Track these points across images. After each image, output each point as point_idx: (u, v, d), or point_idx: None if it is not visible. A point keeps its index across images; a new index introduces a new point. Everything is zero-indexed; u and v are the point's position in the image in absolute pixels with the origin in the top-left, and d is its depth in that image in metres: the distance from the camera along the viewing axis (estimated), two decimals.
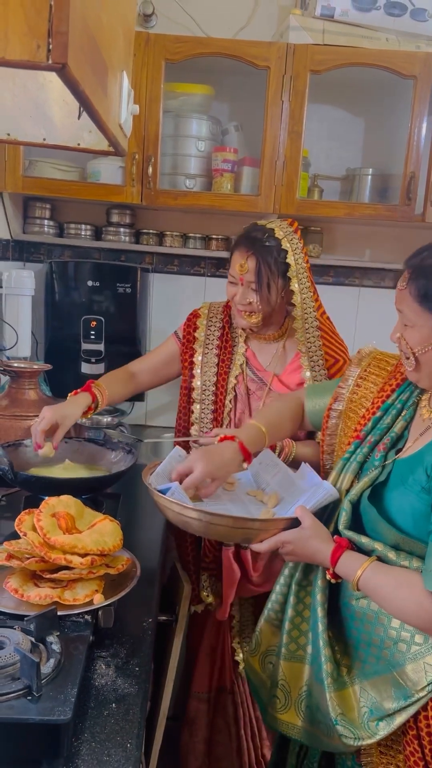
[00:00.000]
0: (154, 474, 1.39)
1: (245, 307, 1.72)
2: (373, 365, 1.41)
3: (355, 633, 1.21)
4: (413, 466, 1.17)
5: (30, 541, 1.16)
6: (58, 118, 1.29)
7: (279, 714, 1.28)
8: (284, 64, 2.31)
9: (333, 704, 1.16)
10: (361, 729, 1.14)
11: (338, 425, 1.41)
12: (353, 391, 1.40)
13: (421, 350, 1.15)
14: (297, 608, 1.31)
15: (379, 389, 1.35)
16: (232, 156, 2.47)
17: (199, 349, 1.85)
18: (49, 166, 2.45)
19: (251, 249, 1.67)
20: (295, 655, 1.29)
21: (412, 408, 1.28)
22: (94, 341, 2.52)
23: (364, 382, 1.39)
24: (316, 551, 1.21)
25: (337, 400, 1.42)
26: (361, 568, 1.14)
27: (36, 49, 0.72)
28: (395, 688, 1.13)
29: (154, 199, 2.40)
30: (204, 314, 1.89)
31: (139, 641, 1.16)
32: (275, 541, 1.24)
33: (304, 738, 1.26)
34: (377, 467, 1.24)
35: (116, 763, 0.89)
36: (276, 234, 1.69)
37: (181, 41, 2.32)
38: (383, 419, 1.29)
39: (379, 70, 2.34)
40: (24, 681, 0.91)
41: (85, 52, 0.84)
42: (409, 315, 1.15)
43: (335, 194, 2.71)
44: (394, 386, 1.32)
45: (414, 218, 2.43)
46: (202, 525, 1.25)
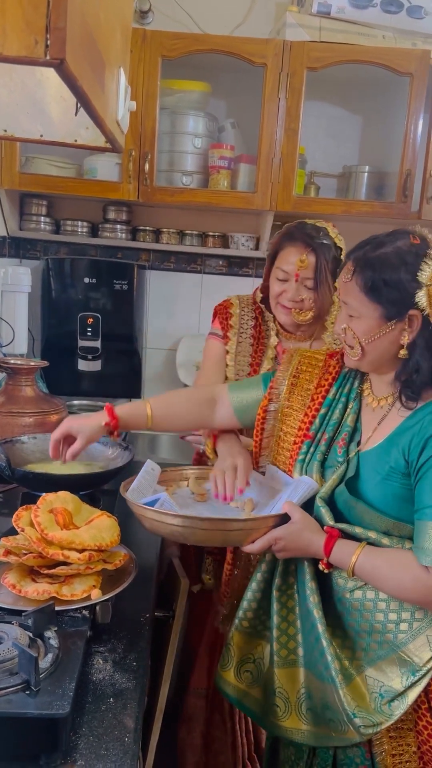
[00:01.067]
0: (130, 490, 1.37)
1: (296, 305, 1.68)
2: (303, 363, 1.43)
3: (353, 624, 1.22)
4: (386, 455, 1.20)
5: (28, 537, 1.16)
6: (56, 115, 1.29)
7: (281, 721, 1.28)
8: (281, 61, 2.31)
9: (347, 699, 1.16)
10: (377, 714, 1.16)
11: (275, 426, 1.43)
12: (289, 390, 1.41)
13: (367, 339, 1.19)
14: (281, 614, 1.31)
15: (316, 385, 1.37)
16: (229, 153, 2.47)
17: (234, 337, 1.80)
18: (46, 162, 2.45)
19: (311, 245, 1.64)
20: (288, 661, 1.29)
21: (357, 399, 1.31)
22: (91, 338, 2.53)
23: (298, 380, 1.41)
24: (309, 543, 1.23)
25: (271, 401, 1.43)
26: (355, 554, 1.17)
27: (34, 45, 0.72)
28: (401, 667, 1.16)
29: (150, 196, 2.40)
30: (236, 303, 1.86)
31: (136, 636, 1.17)
32: (267, 539, 1.24)
33: (310, 740, 1.25)
34: (342, 462, 1.26)
35: (114, 757, 0.89)
36: (329, 233, 1.68)
37: (178, 38, 2.32)
38: (329, 415, 1.32)
39: (375, 67, 2.35)
40: (22, 676, 0.91)
41: (82, 48, 0.84)
42: (355, 306, 1.19)
43: (332, 191, 2.71)
44: (331, 381, 1.36)
45: (410, 215, 2.43)
46: (195, 532, 1.25)
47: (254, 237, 2.66)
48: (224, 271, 2.80)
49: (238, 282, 2.79)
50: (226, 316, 1.84)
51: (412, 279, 1.13)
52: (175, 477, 1.58)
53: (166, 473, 1.57)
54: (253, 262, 2.78)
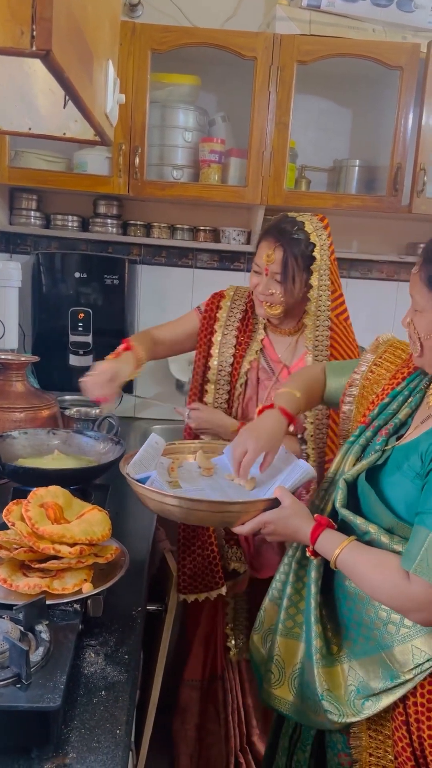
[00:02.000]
0: (132, 463, 1.39)
1: (267, 298, 1.71)
2: (389, 352, 1.41)
3: (346, 613, 1.23)
4: (409, 452, 1.18)
5: (18, 532, 1.16)
6: (44, 108, 1.28)
7: (273, 689, 1.31)
8: (271, 55, 2.31)
9: (320, 680, 1.18)
10: (347, 706, 1.16)
11: (352, 410, 1.43)
12: (366, 377, 1.40)
13: (427, 335, 1.16)
14: (296, 586, 1.33)
15: (392, 376, 1.36)
16: (220, 147, 2.47)
17: (219, 330, 1.84)
18: (36, 156, 2.44)
19: (279, 240, 1.66)
20: (291, 632, 1.31)
21: (419, 395, 1.28)
22: (82, 333, 2.52)
23: (378, 368, 1.40)
24: (297, 529, 1.24)
25: (351, 385, 1.43)
26: (339, 547, 1.17)
27: (20, 36, 0.72)
28: (383, 669, 1.15)
29: (141, 190, 2.39)
30: (229, 296, 1.89)
31: (128, 630, 1.17)
32: (257, 522, 1.26)
33: (293, 713, 1.28)
34: (377, 451, 1.25)
35: (106, 749, 0.89)
36: (305, 227, 1.69)
37: (168, 31, 2.31)
38: (390, 405, 1.30)
39: (365, 60, 2.34)
40: (13, 669, 0.92)
41: (70, 40, 0.83)
42: (419, 300, 1.16)
43: (322, 185, 2.71)
44: (406, 374, 1.33)
45: (400, 209, 2.43)
46: (183, 511, 1.27)
47: (245, 231, 2.66)
48: (215, 266, 2.79)
49: (230, 276, 2.79)
50: (215, 307, 1.88)
51: None
52: (183, 449, 1.60)
53: (173, 446, 1.59)
54: (245, 257, 2.78)
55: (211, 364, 1.83)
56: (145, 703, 1.56)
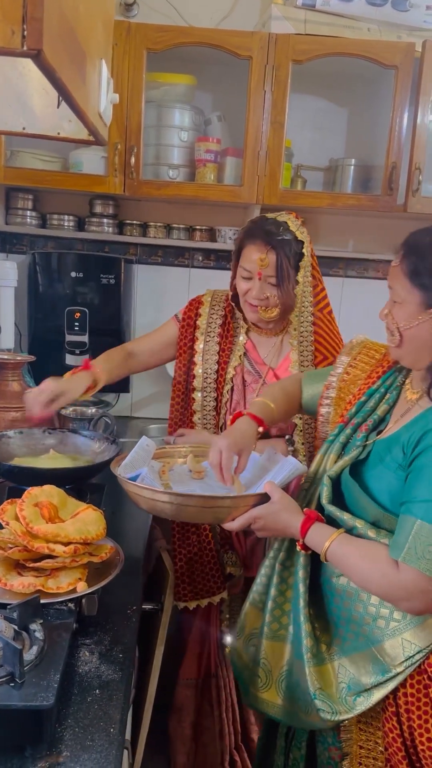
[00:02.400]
0: (122, 465, 1.40)
1: (261, 302, 1.69)
2: (363, 353, 1.44)
3: (335, 610, 1.24)
4: (391, 445, 1.20)
5: (13, 531, 1.16)
6: (38, 108, 1.28)
7: (260, 693, 1.31)
8: (266, 54, 2.31)
9: (312, 679, 1.19)
10: (339, 704, 1.17)
11: (330, 413, 1.45)
12: (342, 378, 1.43)
13: (406, 326, 1.18)
14: (280, 588, 1.33)
15: (367, 376, 1.38)
16: (215, 146, 2.47)
17: (201, 336, 1.83)
18: (31, 156, 2.44)
19: (270, 243, 1.64)
20: (277, 635, 1.32)
21: (395, 391, 1.31)
22: (78, 333, 2.52)
23: (354, 369, 1.43)
24: (287, 524, 1.25)
25: (329, 388, 1.46)
26: (329, 539, 1.18)
27: (11, 35, 0.72)
28: (373, 664, 1.16)
29: (137, 190, 2.39)
30: (207, 302, 1.88)
31: (123, 629, 1.17)
32: (247, 518, 1.26)
33: (282, 716, 1.29)
34: (358, 447, 1.27)
35: (99, 747, 0.90)
36: (290, 227, 1.68)
37: (163, 30, 2.31)
38: (367, 403, 1.33)
39: (360, 60, 2.35)
40: (7, 668, 0.92)
41: (61, 40, 0.84)
42: (399, 291, 1.19)
43: (318, 185, 2.72)
44: (381, 373, 1.36)
45: (396, 208, 2.44)
46: (174, 507, 1.27)
47: None
48: (212, 265, 2.80)
49: (226, 276, 2.74)
50: (194, 314, 1.87)
51: None
52: (173, 453, 1.60)
53: (164, 450, 1.59)
54: None
55: (196, 372, 1.83)
56: (141, 702, 1.56)
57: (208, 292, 1.92)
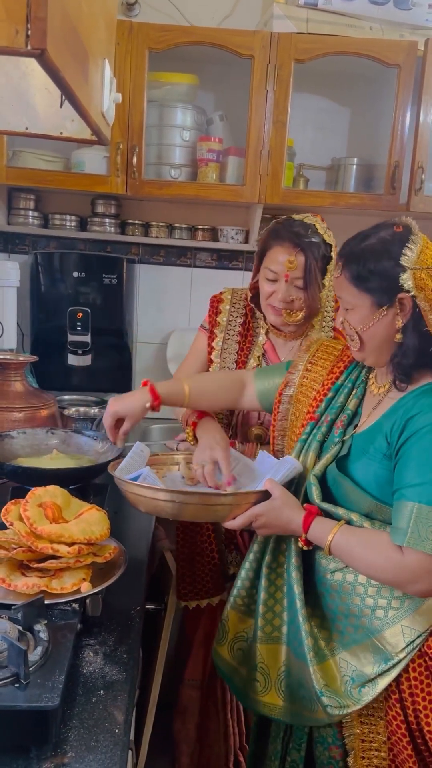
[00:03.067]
0: (119, 469, 1.40)
1: (287, 305, 1.64)
2: (321, 350, 1.48)
3: (332, 606, 1.25)
4: (372, 437, 1.24)
5: (17, 531, 1.16)
6: (41, 107, 1.28)
7: (260, 696, 1.32)
8: (268, 53, 2.30)
9: (317, 677, 1.20)
10: (345, 697, 1.18)
11: (289, 409, 1.47)
12: (303, 375, 1.46)
13: (363, 328, 1.23)
14: (269, 591, 1.34)
15: (328, 372, 1.42)
16: (217, 146, 2.47)
17: (220, 334, 1.80)
18: (33, 156, 2.43)
19: (299, 245, 1.59)
20: (272, 637, 1.33)
21: (361, 386, 1.36)
22: (81, 333, 2.52)
23: (314, 366, 1.46)
24: (289, 520, 1.26)
25: (287, 385, 1.48)
26: (332, 532, 1.20)
27: (14, 35, 0.72)
28: (374, 654, 1.18)
29: (139, 189, 2.39)
30: (227, 299, 1.84)
31: (127, 629, 1.17)
32: (248, 516, 1.27)
33: (285, 717, 1.29)
34: (337, 443, 1.30)
35: (104, 748, 0.89)
36: (318, 229, 1.63)
37: (165, 30, 2.31)
38: (335, 399, 1.37)
39: (363, 59, 2.34)
40: (11, 669, 0.91)
41: (65, 39, 0.83)
42: (347, 299, 1.24)
43: (320, 184, 2.71)
44: (342, 368, 1.41)
45: (398, 207, 2.43)
46: (175, 506, 1.27)
47: (243, 230, 2.66)
48: (214, 265, 2.79)
49: (228, 275, 2.79)
50: (215, 311, 1.84)
51: (395, 264, 1.17)
52: (165, 460, 1.60)
53: (156, 457, 1.59)
54: (243, 256, 2.78)
55: (213, 369, 1.80)
56: (144, 702, 1.56)
57: (227, 290, 1.88)
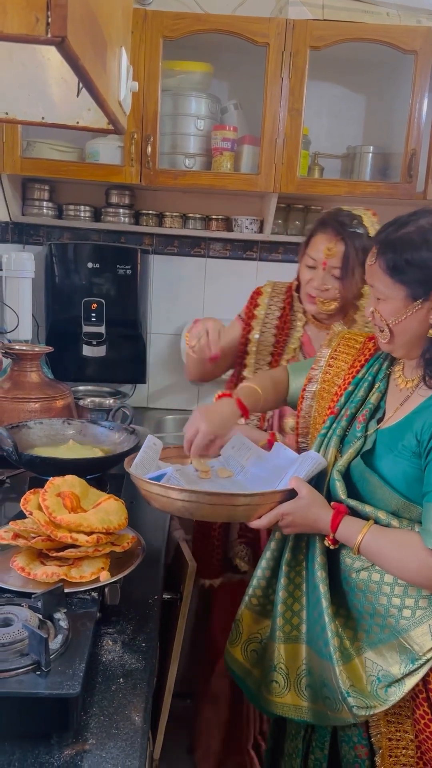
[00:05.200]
0: (134, 465, 1.38)
1: (321, 294, 1.66)
2: (343, 344, 1.45)
3: (357, 605, 1.23)
4: (401, 433, 1.20)
5: (36, 520, 1.17)
6: (57, 97, 1.28)
7: (278, 698, 1.29)
8: (284, 41, 2.28)
9: (342, 677, 1.18)
10: (372, 698, 1.16)
11: (312, 406, 1.44)
12: (325, 371, 1.43)
13: (395, 321, 1.19)
14: (288, 589, 1.32)
15: (350, 366, 1.39)
16: (232, 134, 2.45)
17: (257, 327, 1.80)
18: (48, 146, 2.43)
19: (341, 234, 1.61)
20: (291, 637, 1.31)
21: (384, 380, 1.32)
22: (95, 323, 2.52)
23: (336, 361, 1.43)
24: (317, 518, 1.23)
25: (311, 381, 1.45)
26: (361, 532, 1.17)
27: (35, 23, 0.71)
28: (401, 653, 1.16)
29: (153, 179, 2.38)
30: (267, 292, 1.85)
31: (145, 618, 1.17)
32: (275, 515, 1.24)
33: (309, 717, 1.27)
34: (359, 438, 1.27)
35: (125, 735, 0.90)
36: (364, 222, 1.64)
37: (179, 18, 2.29)
38: (355, 393, 1.34)
39: (379, 45, 2.31)
40: (33, 656, 0.92)
41: (84, 27, 0.83)
42: (381, 288, 1.19)
43: (336, 173, 2.69)
44: (363, 361, 1.37)
45: (415, 196, 2.41)
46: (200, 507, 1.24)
47: (258, 220, 2.64)
48: (228, 255, 2.78)
49: (242, 266, 2.78)
50: (253, 304, 1.85)
51: None
52: (177, 454, 1.59)
53: (168, 450, 1.58)
54: (257, 246, 2.77)
55: (248, 362, 1.80)
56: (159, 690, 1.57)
57: (268, 283, 1.89)
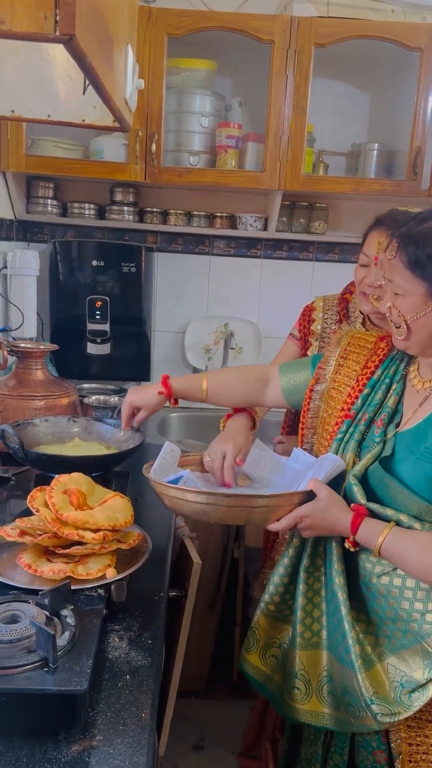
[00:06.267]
0: (153, 471, 1.39)
1: (375, 291, 1.63)
2: (353, 344, 1.43)
3: (378, 611, 1.20)
4: (421, 435, 1.18)
5: (42, 518, 1.17)
6: (63, 94, 1.28)
7: (300, 704, 1.28)
8: (288, 38, 2.28)
9: (365, 685, 1.16)
10: (395, 704, 1.14)
11: (320, 406, 1.42)
12: (335, 371, 1.41)
13: (413, 317, 1.17)
14: (307, 596, 1.30)
15: (362, 366, 1.36)
16: (236, 132, 2.45)
17: (315, 342, 1.80)
18: (52, 144, 2.43)
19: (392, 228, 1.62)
20: (311, 643, 1.29)
21: (401, 381, 1.30)
22: (100, 321, 2.52)
23: (346, 361, 1.40)
24: (337, 521, 1.21)
25: (318, 381, 1.43)
26: (382, 534, 1.15)
27: (43, 21, 0.71)
28: (424, 658, 1.14)
29: (157, 177, 2.38)
30: (319, 307, 1.86)
31: (151, 615, 1.18)
32: (293, 517, 1.23)
33: (331, 724, 1.25)
34: (378, 443, 1.24)
35: (132, 732, 0.90)
36: None
37: (184, 15, 2.29)
38: (372, 395, 1.31)
39: (384, 42, 2.31)
40: (40, 653, 0.93)
41: (91, 25, 0.83)
42: (400, 283, 1.17)
43: (340, 170, 2.68)
44: (377, 362, 1.34)
45: (420, 193, 2.40)
46: (217, 509, 1.24)
47: (263, 217, 2.64)
48: (232, 252, 2.78)
49: (247, 263, 2.78)
50: (308, 321, 1.85)
51: None
52: (195, 461, 1.60)
53: (187, 457, 1.58)
54: (262, 243, 2.77)
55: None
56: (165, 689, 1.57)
57: (317, 299, 1.89)
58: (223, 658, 2.47)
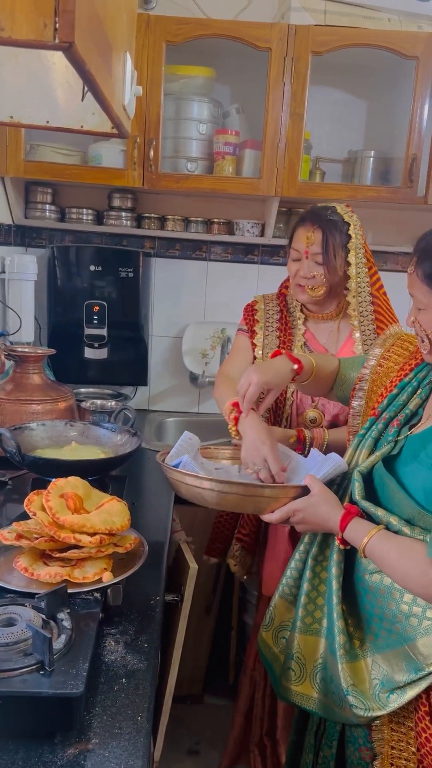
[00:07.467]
0: (169, 456, 1.43)
1: (309, 281, 1.77)
2: (397, 345, 1.43)
3: (368, 607, 1.22)
4: (425, 441, 1.18)
5: (39, 521, 1.17)
6: (62, 101, 1.29)
7: (293, 686, 1.31)
8: (286, 46, 2.30)
9: (345, 675, 1.18)
10: (372, 700, 1.16)
11: (362, 406, 1.44)
12: (375, 371, 1.42)
13: None
14: (313, 582, 1.33)
15: (399, 368, 1.37)
16: (234, 139, 2.46)
17: (260, 331, 1.90)
18: (51, 150, 2.44)
19: (317, 222, 1.75)
20: (311, 629, 1.32)
21: (427, 387, 1.29)
22: (97, 326, 2.53)
23: (387, 362, 1.41)
24: (327, 517, 1.24)
25: (361, 380, 1.45)
26: (368, 535, 1.17)
27: (43, 28, 0.72)
28: (406, 662, 1.14)
29: (155, 183, 2.39)
30: (260, 300, 1.97)
31: (147, 619, 1.18)
32: (286, 511, 1.26)
33: (318, 709, 1.28)
34: (390, 442, 1.26)
35: (128, 735, 0.91)
36: (338, 210, 1.80)
37: (182, 23, 2.31)
38: (399, 396, 1.31)
39: (381, 50, 2.32)
40: (36, 656, 0.93)
41: (90, 32, 0.84)
42: (420, 298, 1.17)
43: (337, 177, 2.70)
44: (413, 365, 1.35)
45: (416, 200, 2.42)
46: (215, 495, 1.28)
47: (260, 224, 2.65)
48: (229, 258, 2.79)
49: (244, 269, 2.79)
50: (251, 312, 1.95)
51: None
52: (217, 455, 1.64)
53: (209, 450, 1.62)
54: (259, 249, 2.78)
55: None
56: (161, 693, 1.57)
57: (257, 297, 2.00)
58: (219, 663, 2.47)
